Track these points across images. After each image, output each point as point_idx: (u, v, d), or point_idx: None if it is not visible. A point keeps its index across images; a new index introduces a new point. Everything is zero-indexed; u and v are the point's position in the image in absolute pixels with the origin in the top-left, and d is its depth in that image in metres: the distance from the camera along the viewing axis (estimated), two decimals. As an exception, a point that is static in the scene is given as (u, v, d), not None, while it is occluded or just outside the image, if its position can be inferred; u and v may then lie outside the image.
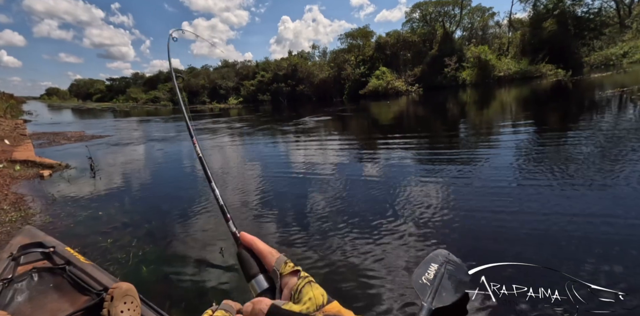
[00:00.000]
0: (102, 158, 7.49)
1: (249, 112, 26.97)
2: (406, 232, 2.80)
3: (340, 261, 2.45)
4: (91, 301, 1.42)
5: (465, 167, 4.79)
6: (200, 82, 53.53)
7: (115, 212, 3.87)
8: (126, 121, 21.40)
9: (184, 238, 3.06)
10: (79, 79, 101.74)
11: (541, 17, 29.28)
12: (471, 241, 2.63)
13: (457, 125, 8.97)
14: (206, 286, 2.30)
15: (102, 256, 2.72)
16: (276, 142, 9.38)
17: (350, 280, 2.22)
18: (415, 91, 30.91)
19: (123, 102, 62.49)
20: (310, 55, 48.01)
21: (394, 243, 2.63)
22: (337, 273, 2.31)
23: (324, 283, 2.03)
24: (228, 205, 0.70)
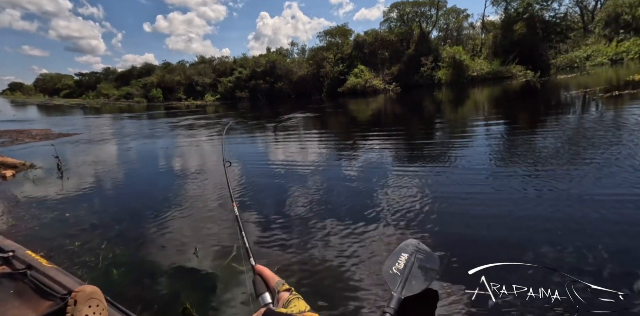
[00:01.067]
0: (71, 158, 7.17)
1: (227, 109, 26.52)
2: (383, 228, 2.85)
3: (315, 259, 2.47)
4: (55, 306, 1.37)
5: (443, 162, 4.93)
6: (176, 78, 52.08)
7: (84, 213, 3.73)
8: (97, 118, 20.57)
9: (157, 240, 2.99)
10: (45, 73, 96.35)
11: (512, 20, 30.48)
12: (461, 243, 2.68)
13: (434, 122, 9.19)
14: (180, 288, 2.26)
15: (69, 260, 2.62)
16: (257, 140, 9.29)
17: (324, 276, 2.24)
18: (393, 89, 31.38)
19: (93, 99, 59.78)
20: (289, 52, 47.76)
21: (369, 239, 2.68)
22: (310, 271, 2.33)
23: (301, 283, 2.05)
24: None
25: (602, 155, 4.27)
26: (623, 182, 3.33)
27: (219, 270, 2.43)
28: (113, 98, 55.53)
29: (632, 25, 28.15)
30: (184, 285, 2.30)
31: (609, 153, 4.34)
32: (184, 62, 59.97)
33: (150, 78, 55.62)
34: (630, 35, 27.51)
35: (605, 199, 3.02)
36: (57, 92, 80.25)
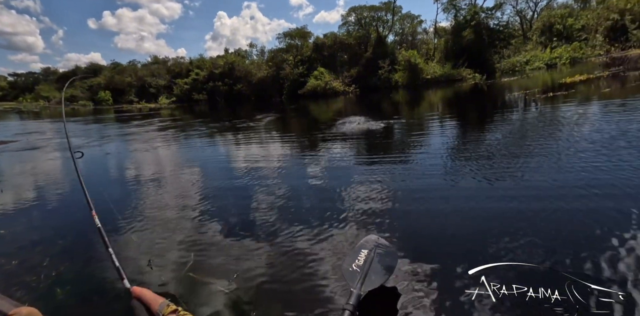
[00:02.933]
0: (6, 168, 6.52)
1: (184, 112, 25.51)
2: (341, 229, 2.87)
3: (272, 264, 2.43)
4: None
5: (400, 160, 5.07)
6: (127, 80, 49.15)
7: (22, 229, 3.40)
8: (36, 124, 18.87)
9: (106, 256, 2.77)
10: None
11: (461, 26, 32.50)
12: (421, 238, 2.76)
13: (391, 121, 9.46)
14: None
15: (5, 281, 2.36)
16: (214, 144, 9.01)
17: (285, 281, 2.21)
18: (352, 91, 32.04)
19: (31, 102, 54.63)
20: (248, 54, 47.05)
21: (329, 240, 2.68)
22: (268, 277, 2.29)
23: (252, 290, 1.98)
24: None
25: (552, 146, 4.74)
26: (574, 169, 3.66)
27: (174, 282, 2.31)
28: (54, 101, 51.09)
29: (563, 34, 31.35)
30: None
31: (554, 144, 4.83)
32: (136, 62, 57.11)
33: (97, 79, 51.83)
34: (562, 43, 30.57)
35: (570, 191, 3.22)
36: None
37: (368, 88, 31.90)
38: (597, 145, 4.53)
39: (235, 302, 2.05)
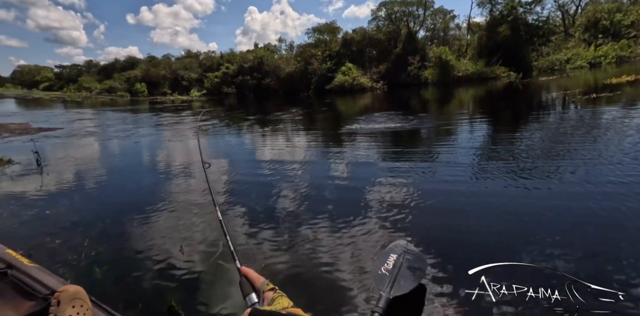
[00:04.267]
0: (51, 153, 6.98)
1: (214, 105, 26.16)
2: (370, 228, 2.89)
3: (302, 259, 2.49)
4: (37, 306, 1.34)
5: (430, 160, 5.01)
6: (161, 73, 50.94)
7: (65, 210, 3.65)
8: (78, 112, 19.98)
9: (142, 237, 2.96)
10: (24, 65, 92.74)
11: (496, 22, 31.08)
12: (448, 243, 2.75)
13: (421, 120, 9.30)
14: (164, 286, 2.25)
15: (50, 259, 2.57)
16: (244, 137, 9.22)
17: (312, 277, 2.26)
18: (380, 88, 31.64)
19: (74, 92, 57.89)
20: (277, 49, 47.38)
21: (358, 239, 2.71)
22: (297, 271, 2.35)
23: (288, 283, 2.06)
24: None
25: (585, 153, 4.45)
26: (610, 178, 3.48)
27: (204, 269, 2.42)
28: (95, 92, 53.92)
29: (610, 30, 29.26)
30: (168, 283, 2.29)
31: (591, 150, 4.53)
32: (170, 56, 58.85)
33: (134, 72, 54.19)
34: (608, 40, 28.57)
35: (596, 194, 3.13)
36: (36, 85, 77.22)
37: (396, 85, 31.36)
38: (636, 156, 4.14)
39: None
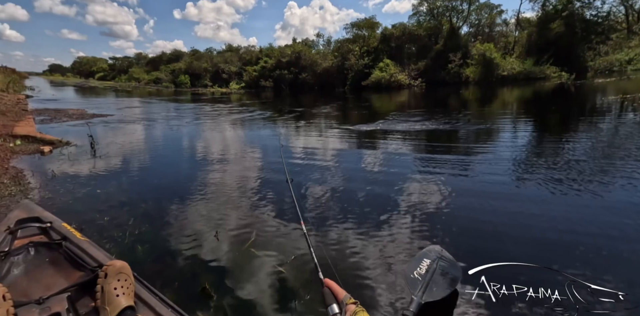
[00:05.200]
0: (103, 137, 7.49)
1: (251, 97, 26.77)
2: (402, 228, 2.86)
3: (332, 256, 2.50)
4: (86, 277, 1.45)
5: (465, 164, 4.86)
6: (203, 65, 52.81)
7: (113, 190, 3.92)
8: (128, 101, 21.25)
9: (180, 220, 3.12)
10: (82, 56, 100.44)
11: (549, 17, 28.93)
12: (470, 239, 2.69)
13: (459, 121, 8.97)
14: (198, 268, 2.37)
15: (99, 234, 2.77)
16: (277, 130, 9.37)
17: (343, 275, 2.26)
18: (418, 85, 30.75)
19: (125, 82, 61.75)
20: (314, 44, 47.44)
21: (389, 239, 2.70)
22: (323, 267, 2.35)
23: (312, 278, 2.08)
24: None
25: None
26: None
27: (236, 255, 2.52)
28: (143, 83, 57.16)
29: (683, 28, 26.31)
30: (203, 265, 2.40)
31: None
32: (212, 50, 60.69)
33: (178, 64, 56.76)
34: (680, 39, 25.75)
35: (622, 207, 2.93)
36: (92, 75, 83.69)
37: (435, 83, 30.33)
38: None
39: (287, 284, 2.17)
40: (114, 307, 1.21)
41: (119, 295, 1.26)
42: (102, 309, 1.22)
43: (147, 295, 1.37)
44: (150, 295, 1.37)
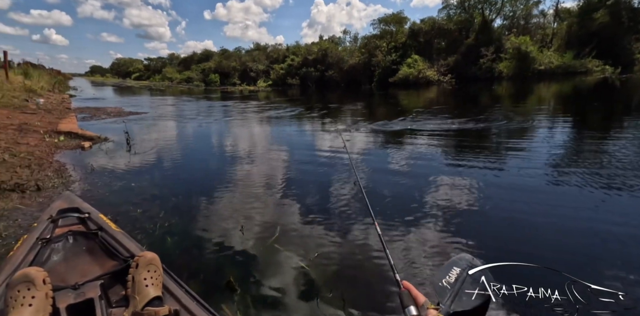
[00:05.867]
0: (137, 133, 7.83)
1: (278, 95, 27.06)
2: (429, 232, 2.80)
3: (355, 258, 2.47)
4: (118, 266, 1.51)
5: (498, 163, 4.69)
6: (232, 64, 54.04)
7: (147, 184, 4.09)
8: (161, 99, 22.11)
9: (207, 214, 3.21)
10: (120, 57, 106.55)
11: (592, 6, 27.03)
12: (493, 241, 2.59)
13: (491, 118, 8.62)
14: (223, 261, 2.42)
15: (132, 225, 2.90)
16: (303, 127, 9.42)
17: (367, 282, 2.24)
18: (447, 81, 29.81)
19: (159, 81, 64.43)
20: (341, 41, 47.18)
21: (416, 240, 2.64)
22: (353, 272, 2.34)
23: (339, 281, 2.07)
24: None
25: None
26: None
27: (261, 250, 2.55)
28: (175, 82, 59.43)
29: None
30: (228, 259, 2.45)
31: None
32: (240, 49, 61.87)
33: (208, 63, 58.45)
34: None
35: None
36: (129, 75, 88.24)
37: (465, 79, 29.28)
38: None
39: (310, 282, 2.17)
40: (143, 297, 1.25)
41: (148, 285, 1.30)
42: (132, 298, 1.27)
43: (174, 286, 1.41)
44: (177, 287, 1.41)
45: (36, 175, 4.08)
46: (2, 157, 4.59)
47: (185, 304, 1.31)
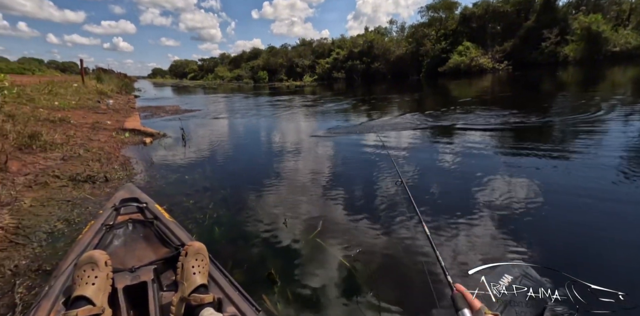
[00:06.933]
0: (192, 130, 8.32)
1: (323, 89, 27.16)
2: (479, 232, 2.66)
3: (403, 259, 2.40)
4: (170, 253, 1.63)
5: (562, 161, 4.31)
6: (279, 61, 55.29)
7: (199, 176, 4.34)
8: (213, 97, 23.26)
9: (253, 207, 3.33)
10: (177, 59, 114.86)
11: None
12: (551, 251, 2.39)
13: (554, 109, 7.88)
14: (266, 253, 2.50)
15: (184, 215, 3.10)
16: (348, 122, 9.36)
17: (411, 283, 2.17)
18: (504, 69, 27.72)
19: (211, 80, 68.17)
20: (387, 31, 45.89)
21: (466, 242, 2.51)
22: (396, 272, 2.28)
23: (381, 281, 2.04)
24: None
25: None
26: None
27: (303, 244, 2.59)
28: (226, 80, 62.48)
29: None
30: (270, 251, 2.52)
31: None
32: (287, 46, 63.03)
33: (256, 61, 60.50)
34: None
35: None
36: (185, 75, 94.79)
37: (524, 65, 27.00)
38: None
39: (351, 277, 2.16)
40: (190, 283, 1.33)
41: (195, 273, 1.38)
42: (181, 283, 1.36)
43: (219, 275, 1.48)
44: (221, 276, 1.48)
45: (105, 168, 4.53)
46: (78, 152, 5.15)
47: (228, 293, 1.38)
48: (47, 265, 2.24)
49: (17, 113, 6.47)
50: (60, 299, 1.27)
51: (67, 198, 3.43)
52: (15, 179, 3.71)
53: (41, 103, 8.88)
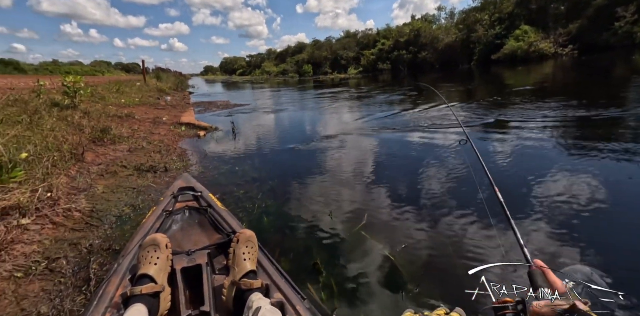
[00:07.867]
0: (241, 123, 8.68)
1: (368, 81, 26.71)
2: (538, 234, 2.50)
3: (450, 256, 2.32)
4: (222, 239, 1.72)
5: (628, 158, 3.85)
6: (323, 54, 55.28)
7: (248, 168, 4.53)
8: (260, 91, 23.97)
9: (300, 198, 3.41)
10: (226, 57, 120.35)
11: None
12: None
13: (629, 100, 7.01)
14: (312, 243, 2.55)
15: (235, 204, 3.26)
16: (393, 116, 9.15)
17: (459, 282, 2.08)
18: (568, 54, 25.10)
19: (259, 75, 70.32)
20: (435, 18, 43.65)
21: (509, 244, 2.36)
22: (443, 270, 2.21)
23: (424, 274, 1.98)
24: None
25: None
26: None
27: (347, 236, 2.60)
28: (273, 75, 64.08)
29: None
30: (316, 241, 2.56)
31: None
32: (331, 38, 62.76)
33: (301, 55, 61.11)
34: None
35: None
36: (234, 71, 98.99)
37: (593, 49, 24.08)
38: None
39: (396, 272, 2.14)
40: (241, 269, 1.40)
41: (246, 259, 1.45)
42: (232, 268, 1.43)
43: (267, 262, 1.55)
44: (269, 263, 1.55)
45: (164, 159, 4.89)
46: (141, 144, 5.62)
47: (275, 280, 1.43)
48: (116, 245, 2.49)
49: (90, 110, 7.18)
50: (127, 276, 1.41)
51: (133, 186, 3.76)
52: (90, 168, 4.15)
53: (110, 100, 9.78)
